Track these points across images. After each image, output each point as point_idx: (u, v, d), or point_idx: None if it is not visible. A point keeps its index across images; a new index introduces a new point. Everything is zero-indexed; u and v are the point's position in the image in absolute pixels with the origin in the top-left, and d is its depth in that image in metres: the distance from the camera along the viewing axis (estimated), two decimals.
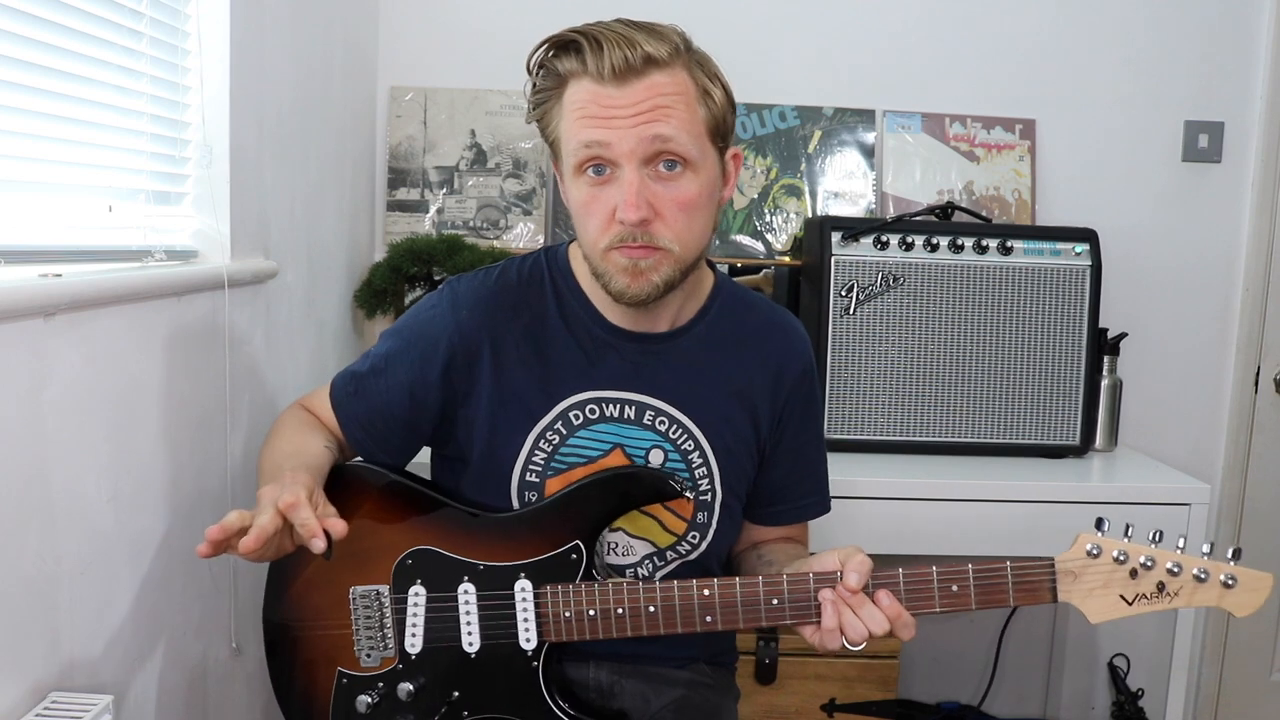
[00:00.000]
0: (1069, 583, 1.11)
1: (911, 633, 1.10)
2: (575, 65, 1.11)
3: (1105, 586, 1.10)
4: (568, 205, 1.19)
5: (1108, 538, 1.11)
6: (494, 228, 2.31)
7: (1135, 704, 2.33)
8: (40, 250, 1.16)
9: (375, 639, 1.22)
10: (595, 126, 1.10)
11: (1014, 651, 2.52)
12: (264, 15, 1.60)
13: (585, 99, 1.10)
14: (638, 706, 1.31)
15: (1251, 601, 1.09)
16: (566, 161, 1.15)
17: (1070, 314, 1.99)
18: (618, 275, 1.14)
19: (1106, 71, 2.38)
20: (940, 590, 1.11)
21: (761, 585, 1.13)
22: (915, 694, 2.52)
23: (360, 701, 1.21)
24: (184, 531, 1.41)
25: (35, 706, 1.06)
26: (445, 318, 1.25)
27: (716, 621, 1.14)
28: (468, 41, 2.31)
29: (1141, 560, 1.09)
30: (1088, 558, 1.10)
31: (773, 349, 1.30)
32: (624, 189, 1.10)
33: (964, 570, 1.11)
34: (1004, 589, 1.10)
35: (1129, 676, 2.44)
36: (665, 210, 1.12)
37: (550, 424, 1.24)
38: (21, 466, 1.05)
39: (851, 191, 2.35)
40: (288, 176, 1.75)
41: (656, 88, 1.10)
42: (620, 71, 1.08)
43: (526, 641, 1.18)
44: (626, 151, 1.10)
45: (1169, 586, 1.09)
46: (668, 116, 1.10)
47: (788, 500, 1.35)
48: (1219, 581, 1.08)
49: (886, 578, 1.11)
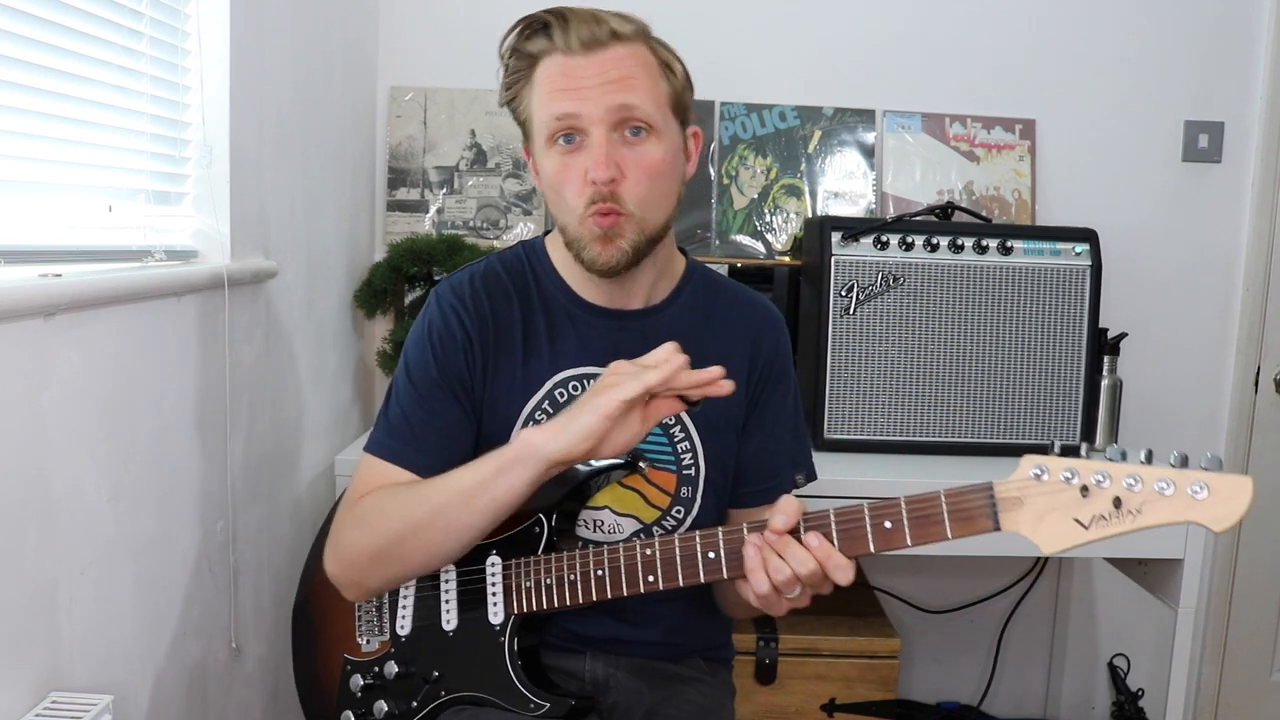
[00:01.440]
0: (1013, 510, 1.00)
1: (848, 575, 1.05)
2: (545, 44, 1.17)
3: (1055, 510, 0.98)
4: (540, 184, 1.23)
5: (1056, 458, 0.99)
6: (494, 228, 2.31)
7: (1135, 704, 2.33)
8: (40, 250, 1.16)
9: (373, 624, 1.28)
10: (565, 99, 1.15)
11: (1014, 651, 2.52)
12: (264, 15, 1.60)
13: (555, 72, 1.17)
14: (632, 700, 1.31)
15: (1229, 512, 0.93)
16: (538, 136, 1.19)
17: (1070, 314, 1.99)
18: (592, 243, 1.18)
19: (1106, 71, 2.38)
20: (873, 527, 1.05)
21: (698, 539, 1.12)
22: (915, 694, 2.52)
23: (354, 684, 1.27)
24: (184, 531, 1.41)
25: (35, 706, 1.06)
26: (450, 313, 1.27)
27: (658, 580, 1.13)
28: (468, 41, 2.31)
29: (1093, 477, 0.96)
30: (1033, 481, 0.99)
31: (748, 324, 1.32)
32: (593, 151, 1.15)
33: (895, 504, 1.05)
34: (939, 520, 1.03)
35: (1129, 676, 2.44)
36: (630, 173, 1.17)
37: (538, 404, 1.26)
38: (21, 466, 1.05)
39: (851, 191, 2.35)
40: (288, 176, 1.75)
41: (621, 60, 1.16)
42: (587, 43, 1.15)
43: (494, 616, 1.21)
44: (596, 118, 1.15)
45: (1128, 503, 0.95)
46: (632, 87, 1.16)
47: (755, 482, 1.34)
48: (1186, 492, 0.94)
49: (817, 518, 1.07)
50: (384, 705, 1.25)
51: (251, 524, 1.63)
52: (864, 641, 2.05)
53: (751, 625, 2.03)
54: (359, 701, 1.27)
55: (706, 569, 1.12)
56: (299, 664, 1.38)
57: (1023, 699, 2.56)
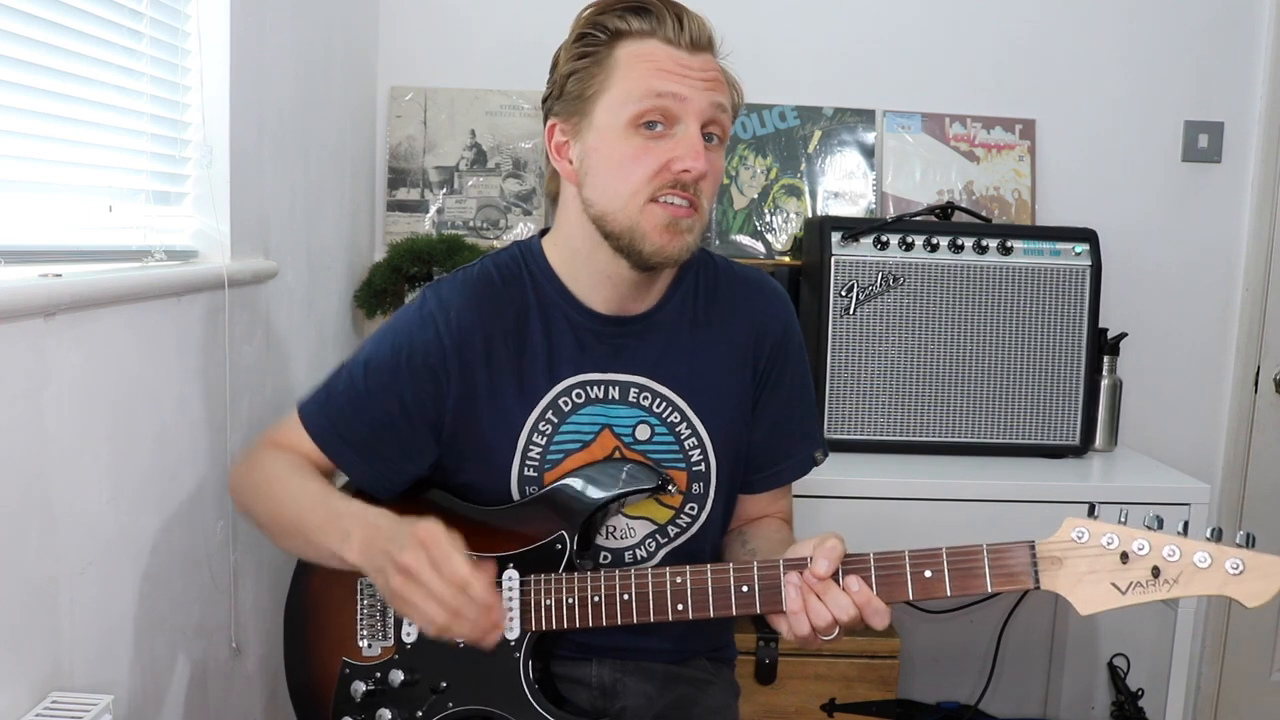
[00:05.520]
0: (1053, 569, 1.02)
1: (884, 620, 1.06)
2: (644, 25, 1.16)
3: (1094, 573, 1.00)
4: (589, 163, 1.18)
5: (1098, 522, 1.01)
6: (494, 228, 2.31)
7: (1135, 704, 2.33)
8: (40, 250, 1.16)
9: (376, 628, 1.24)
10: (671, 79, 1.14)
11: (1013, 651, 2.52)
12: (264, 15, 1.60)
13: (661, 55, 1.15)
14: (641, 704, 1.30)
15: (1264, 590, 0.95)
16: (619, 112, 1.15)
17: (1070, 314, 1.99)
18: (654, 233, 1.15)
19: (1106, 71, 2.38)
20: (913, 575, 1.06)
21: (732, 572, 1.12)
22: (915, 694, 2.52)
23: (356, 689, 1.23)
24: (184, 531, 1.41)
25: (35, 706, 1.06)
26: (430, 322, 1.23)
27: (688, 610, 1.13)
28: (468, 41, 2.31)
29: (1135, 545, 0.99)
30: (1074, 543, 1.01)
31: (751, 309, 1.31)
32: (689, 142, 1.14)
33: (938, 554, 1.05)
34: (980, 574, 1.04)
35: (1129, 676, 2.44)
36: (709, 174, 1.17)
37: (542, 414, 1.24)
38: (21, 466, 1.05)
39: (851, 191, 2.35)
40: (288, 176, 1.75)
41: (714, 66, 1.18)
42: (696, 41, 1.16)
43: (510, 631, 1.19)
44: (695, 109, 1.14)
45: (1166, 572, 0.97)
46: (725, 92, 1.18)
47: (763, 468, 1.34)
48: (1224, 568, 0.96)
49: (857, 562, 1.08)
50: (388, 713, 1.21)
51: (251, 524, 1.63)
52: (864, 641, 2.04)
53: (751, 625, 2.02)
54: (359, 707, 1.23)
55: (739, 602, 1.11)
56: (291, 664, 1.33)
57: (1022, 699, 2.56)
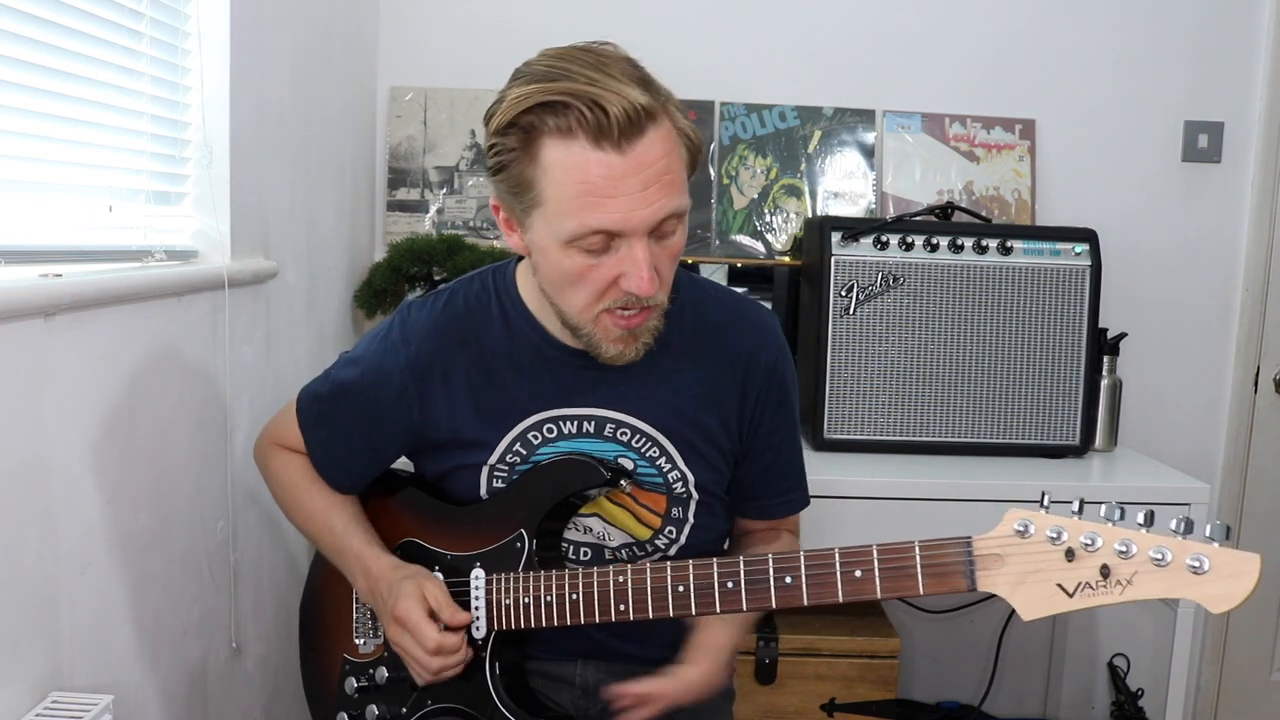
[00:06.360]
0: (992, 568, 0.92)
1: (697, 690, 1.15)
2: (564, 123, 1.01)
3: (1038, 572, 0.89)
4: (535, 259, 1.12)
5: (1044, 513, 0.90)
6: (494, 228, 2.31)
7: (1135, 704, 2.33)
8: (40, 250, 1.16)
9: (366, 624, 1.28)
10: (604, 209, 1.02)
11: (1014, 651, 2.52)
12: (264, 15, 1.60)
13: (589, 165, 1.01)
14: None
15: (1230, 591, 0.81)
16: (556, 229, 1.05)
17: (1070, 314, 1.98)
18: (610, 343, 1.12)
19: (1106, 71, 2.38)
20: (843, 576, 1.01)
21: (669, 572, 1.11)
22: (915, 694, 2.52)
23: (349, 684, 1.28)
24: (184, 531, 1.41)
25: (35, 706, 1.06)
26: (395, 351, 1.23)
27: (629, 610, 1.12)
28: (468, 41, 2.31)
29: (1082, 539, 0.87)
30: (1015, 537, 0.91)
31: (737, 343, 1.24)
32: (635, 263, 1.05)
33: (868, 552, 1.00)
34: (912, 574, 0.97)
35: (1129, 676, 2.44)
36: (662, 269, 1.09)
37: (509, 447, 1.22)
38: (22, 467, 1.05)
39: (851, 191, 2.35)
40: (287, 176, 1.75)
41: (654, 148, 1.03)
42: (624, 130, 1.00)
43: (477, 630, 1.20)
44: (640, 230, 1.04)
45: (1117, 572, 0.85)
46: (672, 184, 1.05)
47: (769, 496, 1.33)
48: (1184, 566, 0.83)
49: (787, 560, 1.04)
50: (375, 709, 1.24)
51: (251, 524, 1.63)
52: (864, 641, 2.05)
53: (751, 625, 2.02)
54: (353, 703, 1.27)
55: (676, 603, 1.10)
56: (304, 662, 1.38)
57: (1022, 699, 2.56)
